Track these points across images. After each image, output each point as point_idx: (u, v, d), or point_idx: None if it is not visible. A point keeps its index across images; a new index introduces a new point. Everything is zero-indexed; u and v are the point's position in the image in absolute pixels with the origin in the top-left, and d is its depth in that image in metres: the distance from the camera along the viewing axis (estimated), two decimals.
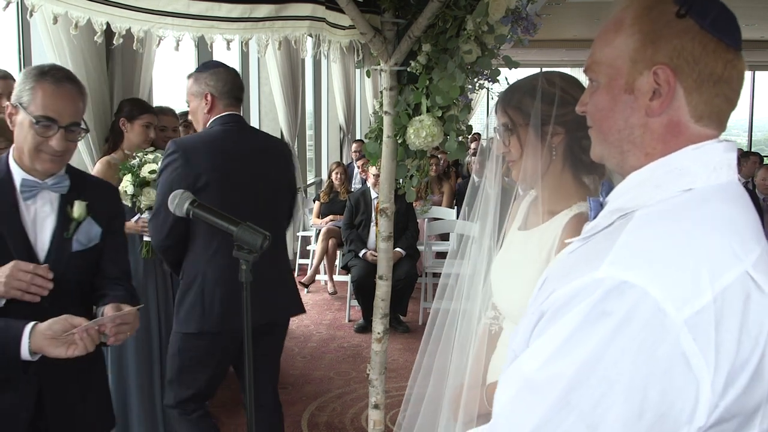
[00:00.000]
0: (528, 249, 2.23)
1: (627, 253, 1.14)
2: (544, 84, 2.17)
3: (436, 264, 7.94)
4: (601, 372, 1.07)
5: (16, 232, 2.42)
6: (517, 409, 1.14)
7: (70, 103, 2.42)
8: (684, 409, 1.07)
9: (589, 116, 1.39)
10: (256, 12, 3.32)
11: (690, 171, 1.24)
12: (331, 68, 12.12)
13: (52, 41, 4.55)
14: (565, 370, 1.09)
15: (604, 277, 1.11)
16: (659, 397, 1.06)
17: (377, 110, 3.37)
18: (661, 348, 1.06)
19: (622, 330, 1.07)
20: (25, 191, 2.45)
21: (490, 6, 2.94)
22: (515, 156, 2.22)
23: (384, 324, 3.44)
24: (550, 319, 1.16)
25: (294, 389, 5.80)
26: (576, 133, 2.13)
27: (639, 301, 1.07)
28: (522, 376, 1.15)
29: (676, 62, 1.23)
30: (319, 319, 7.81)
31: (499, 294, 2.34)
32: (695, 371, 1.07)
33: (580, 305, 1.11)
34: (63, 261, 2.48)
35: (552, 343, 1.12)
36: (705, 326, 1.07)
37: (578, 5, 11.96)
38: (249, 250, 2.06)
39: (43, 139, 2.38)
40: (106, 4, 3.05)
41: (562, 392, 1.08)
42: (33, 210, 2.47)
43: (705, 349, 1.07)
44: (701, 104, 1.25)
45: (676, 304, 1.07)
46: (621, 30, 1.29)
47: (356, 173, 10.78)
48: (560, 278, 1.20)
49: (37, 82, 2.39)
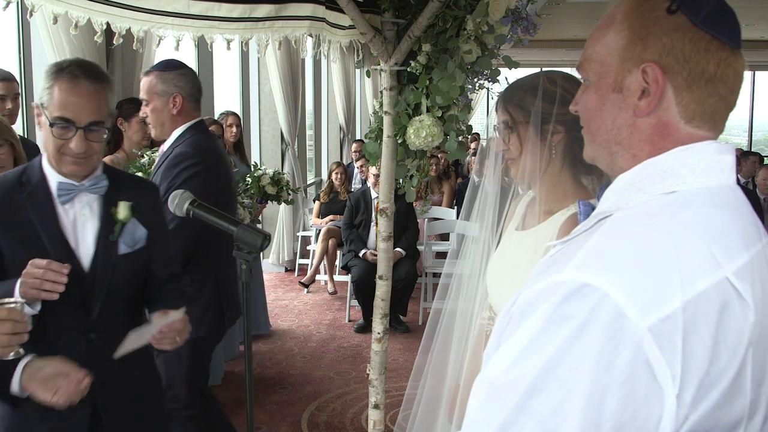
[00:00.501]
0: (524, 249, 2.23)
1: (592, 256, 1.08)
2: (545, 82, 2.17)
3: (436, 264, 7.94)
4: (560, 378, 1.01)
5: (55, 238, 2.32)
6: (482, 414, 1.10)
7: (87, 102, 2.27)
8: (649, 420, 1.01)
9: (581, 116, 1.34)
10: (256, 12, 3.32)
11: (675, 173, 1.18)
12: (331, 68, 12.13)
13: (52, 41, 4.55)
14: (525, 375, 1.04)
15: (565, 280, 1.06)
16: (620, 407, 1.00)
17: (377, 110, 3.37)
18: (622, 355, 1.00)
19: (581, 334, 1.01)
20: (62, 195, 2.34)
21: (490, 6, 2.94)
22: (515, 154, 2.22)
23: (384, 324, 3.44)
24: (516, 322, 1.11)
25: (294, 389, 5.81)
26: (576, 133, 2.13)
27: (599, 305, 1.02)
28: (488, 381, 1.11)
29: (666, 60, 1.17)
30: (319, 319, 7.81)
31: (495, 294, 2.34)
32: (660, 381, 1.01)
33: (542, 307, 1.06)
34: (110, 265, 2.38)
35: (515, 346, 1.08)
36: (671, 334, 1.01)
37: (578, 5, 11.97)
38: (249, 251, 2.06)
39: (63, 142, 2.27)
40: (106, 4, 3.05)
41: (522, 397, 1.03)
42: (72, 214, 2.37)
43: (671, 358, 1.01)
44: (692, 104, 1.19)
45: (639, 310, 1.01)
46: (612, 26, 1.24)
47: (356, 173, 10.78)
48: (530, 281, 1.16)
49: (54, 80, 2.27)
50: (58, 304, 2.24)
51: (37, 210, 2.32)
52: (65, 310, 2.28)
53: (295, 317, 7.84)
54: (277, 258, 9.64)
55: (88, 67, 2.33)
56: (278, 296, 8.65)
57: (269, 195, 6.64)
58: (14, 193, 2.34)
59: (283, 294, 8.78)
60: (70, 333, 2.32)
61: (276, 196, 6.69)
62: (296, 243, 9.75)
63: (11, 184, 2.36)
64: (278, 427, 5.11)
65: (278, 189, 6.66)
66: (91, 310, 2.34)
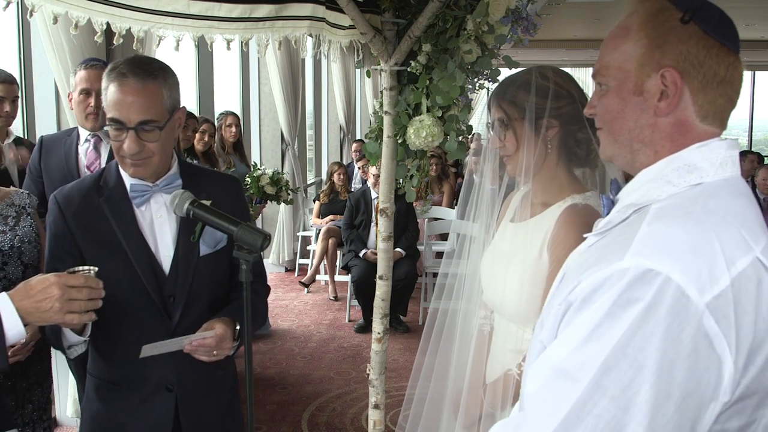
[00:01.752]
0: (517, 240, 2.24)
1: (649, 244, 1.20)
2: (537, 78, 2.18)
3: (436, 264, 7.94)
4: (630, 355, 1.13)
5: (135, 241, 2.28)
6: (548, 396, 1.21)
7: (135, 100, 2.18)
8: (709, 387, 1.14)
9: (599, 118, 1.47)
10: (256, 12, 3.31)
11: (698, 167, 1.32)
12: (331, 68, 12.13)
13: (52, 41, 4.55)
14: (596, 356, 1.15)
15: (629, 267, 1.17)
16: (686, 378, 1.13)
17: (377, 110, 3.37)
18: (687, 330, 1.13)
19: (648, 315, 1.13)
20: (135, 196, 2.30)
21: (490, 6, 2.94)
22: (511, 150, 2.22)
23: (384, 324, 3.44)
24: (578, 308, 1.22)
25: (294, 389, 5.81)
26: (570, 126, 2.14)
27: (663, 288, 1.14)
28: (551, 365, 1.22)
29: (683, 65, 1.32)
30: (319, 319, 7.81)
31: (488, 286, 2.34)
32: (718, 351, 1.14)
33: (608, 293, 1.18)
34: (191, 267, 2.33)
35: (581, 330, 1.19)
36: (725, 309, 1.15)
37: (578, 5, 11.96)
38: (249, 250, 2.06)
39: (119, 144, 2.21)
40: (106, 4, 3.04)
41: (594, 377, 1.15)
42: (149, 215, 2.33)
43: (726, 330, 1.14)
44: (706, 104, 1.34)
45: (698, 289, 1.14)
46: (628, 36, 1.38)
47: (356, 173, 10.78)
48: (583, 271, 1.26)
49: (107, 80, 2.21)
50: (139, 308, 2.25)
51: (115, 213, 2.30)
52: (146, 314, 2.26)
53: (295, 317, 7.84)
54: (278, 258, 9.64)
55: (140, 64, 2.23)
56: (278, 296, 8.64)
57: (268, 195, 6.65)
58: (93, 197, 2.32)
59: (283, 294, 8.77)
60: (151, 337, 2.25)
61: (275, 196, 6.70)
62: (296, 243, 9.75)
63: (89, 188, 2.34)
64: (278, 427, 5.11)
65: (277, 189, 6.67)
66: (173, 314, 2.31)
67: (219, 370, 2.47)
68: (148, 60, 2.30)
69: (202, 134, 6.20)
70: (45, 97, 5.10)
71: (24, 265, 3.05)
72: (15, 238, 3.02)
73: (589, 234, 1.44)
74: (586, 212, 2.12)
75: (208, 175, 2.55)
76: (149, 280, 2.28)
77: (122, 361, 2.34)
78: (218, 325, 2.24)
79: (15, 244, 3.01)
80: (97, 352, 2.39)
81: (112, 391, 2.38)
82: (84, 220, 2.30)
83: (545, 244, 2.15)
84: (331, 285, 8.64)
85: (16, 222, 3.06)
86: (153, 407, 2.34)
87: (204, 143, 6.22)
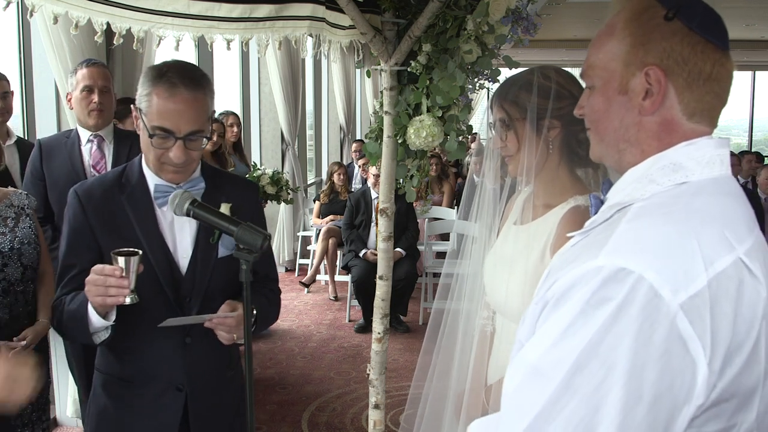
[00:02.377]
0: (520, 242, 2.24)
1: (624, 242, 1.19)
2: (539, 78, 2.18)
3: (437, 264, 7.94)
4: (602, 355, 1.11)
5: (154, 240, 2.29)
6: (523, 394, 1.19)
7: (186, 111, 2.18)
8: (682, 389, 1.12)
9: (587, 118, 1.45)
10: (256, 12, 3.31)
11: (684, 166, 1.30)
12: (332, 68, 12.13)
13: (52, 41, 4.55)
14: (567, 355, 1.13)
15: (602, 265, 1.15)
16: (658, 379, 1.10)
17: (377, 110, 3.37)
18: (659, 331, 1.10)
19: (620, 315, 1.11)
20: (159, 197, 2.30)
21: (490, 6, 2.94)
22: (512, 151, 2.21)
23: (384, 324, 3.44)
24: (553, 306, 1.21)
25: (294, 389, 5.81)
26: (572, 127, 2.14)
27: (636, 287, 1.12)
28: (527, 363, 1.20)
29: (667, 63, 1.29)
30: (319, 319, 7.81)
31: (491, 289, 2.34)
32: (692, 353, 1.11)
33: (581, 292, 1.16)
34: (208, 268, 2.34)
35: (555, 329, 1.17)
36: (700, 310, 1.12)
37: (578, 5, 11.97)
38: (249, 250, 2.06)
39: (163, 151, 2.22)
40: (106, 4, 3.04)
41: (566, 376, 1.13)
42: (170, 216, 2.31)
43: (701, 331, 1.11)
44: (692, 102, 1.31)
45: (672, 289, 1.11)
46: (613, 34, 1.36)
47: (356, 173, 10.78)
48: (562, 268, 1.25)
49: (152, 86, 2.18)
50: (155, 307, 2.24)
51: (136, 211, 2.30)
52: (162, 313, 2.23)
53: (295, 317, 7.84)
54: (278, 258, 9.64)
55: (188, 73, 2.23)
56: None
57: (269, 195, 6.65)
58: (114, 193, 2.32)
59: (283, 294, 8.72)
60: (167, 337, 2.30)
61: (276, 196, 6.71)
62: (296, 243, 9.75)
63: (111, 184, 2.34)
64: (278, 427, 5.12)
65: (278, 189, 6.68)
66: (188, 314, 2.30)
67: (229, 371, 2.48)
68: (193, 68, 2.31)
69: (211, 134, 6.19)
70: (45, 97, 5.10)
71: (23, 266, 3.05)
72: (15, 240, 3.02)
73: (574, 233, 1.44)
74: (588, 214, 2.12)
75: (229, 179, 2.55)
76: (167, 280, 2.29)
77: (134, 358, 2.35)
78: (240, 306, 2.24)
79: (15, 246, 3.01)
80: (108, 348, 2.37)
81: (121, 388, 2.37)
82: (104, 216, 2.30)
83: (548, 246, 2.15)
84: (332, 285, 8.64)
85: (16, 223, 3.05)
86: (162, 406, 2.34)
87: (213, 143, 6.20)
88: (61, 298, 2.29)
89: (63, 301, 2.28)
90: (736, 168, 8.55)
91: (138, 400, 2.35)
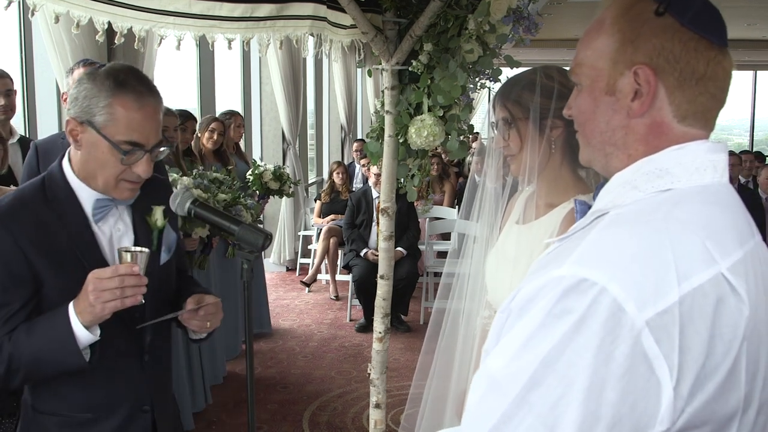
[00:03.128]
0: (523, 242, 2.24)
1: (591, 252, 1.10)
2: (542, 78, 2.18)
3: (437, 263, 7.94)
4: (559, 371, 1.03)
5: (96, 261, 2.06)
6: (482, 407, 1.11)
7: (154, 121, 2.04)
8: (645, 412, 1.04)
9: (575, 120, 1.36)
10: (257, 11, 3.32)
11: (670, 171, 1.20)
12: (333, 67, 12.13)
13: (54, 40, 4.56)
14: (525, 368, 1.06)
15: (564, 275, 1.07)
16: (619, 399, 1.02)
17: (379, 109, 3.37)
18: (621, 348, 1.02)
19: (581, 328, 1.03)
20: (98, 213, 2.10)
21: (491, 5, 2.94)
22: (515, 150, 2.22)
23: (385, 323, 3.44)
24: (516, 317, 1.13)
25: (295, 388, 5.81)
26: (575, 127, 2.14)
27: (598, 299, 1.04)
28: (488, 375, 1.12)
29: (656, 61, 1.20)
30: (320, 318, 7.81)
31: (493, 288, 2.34)
32: (657, 374, 1.03)
33: (542, 302, 1.08)
34: (155, 277, 2.10)
35: (515, 340, 1.09)
36: (669, 328, 1.03)
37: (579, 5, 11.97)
38: (250, 250, 2.06)
39: (125, 168, 2.03)
40: (107, 4, 3.05)
41: (522, 391, 1.05)
42: (108, 231, 2.13)
43: (668, 351, 1.03)
44: (684, 103, 1.22)
45: (637, 304, 1.03)
46: (601, 30, 1.27)
47: (357, 172, 10.78)
48: (529, 277, 1.17)
49: (113, 97, 1.97)
50: (108, 328, 2.03)
51: (72, 233, 2.07)
52: (116, 333, 2.07)
53: (296, 316, 7.84)
54: (279, 257, 9.65)
55: (145, 78, 2.07)
56: (279, 296, 8.65)
57: (272, 190, 6.69)
58: (43, 213, 2.07)
59: (284, 293, 8.78)
60: (127, 358, 2.17)
61: (279, 191, 6.75)
62: (297, 242, 9.75)
63: (34, 201, 2.08)
64: (279, 426, 5.12)
65: (281, 183, 6.72)
66: (145, 332, 2.17)
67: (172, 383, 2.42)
68: (143, 73, 2.14)
69: (212, 132, 6.24)
70: (46, 96, 5.11)
71: None
72: None
73: (551, 239, 1.37)
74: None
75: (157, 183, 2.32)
76: None
77: (96, 385, 2.15)
78: (208, 296, 2.19)
79: None
80: (57, 384, 2.13)
81: (77, 426, 2.15)
82: (37, 239, 2.03)
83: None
84: (332, 284, 8.64)
85: None
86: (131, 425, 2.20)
87: (214, 142, 6.26)
88: (1, 340, 1.99)
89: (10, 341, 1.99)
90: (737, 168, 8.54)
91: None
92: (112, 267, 1.95)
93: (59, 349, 1.97)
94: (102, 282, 1.91)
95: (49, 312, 2.02)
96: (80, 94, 2.02)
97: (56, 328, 1.97)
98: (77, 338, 1.96)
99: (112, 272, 1.92)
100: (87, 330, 1.96)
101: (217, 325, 2.26)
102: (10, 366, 1.99)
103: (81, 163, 2.09)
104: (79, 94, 2.02)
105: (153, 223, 2.21)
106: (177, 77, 9.22)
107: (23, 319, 2.01)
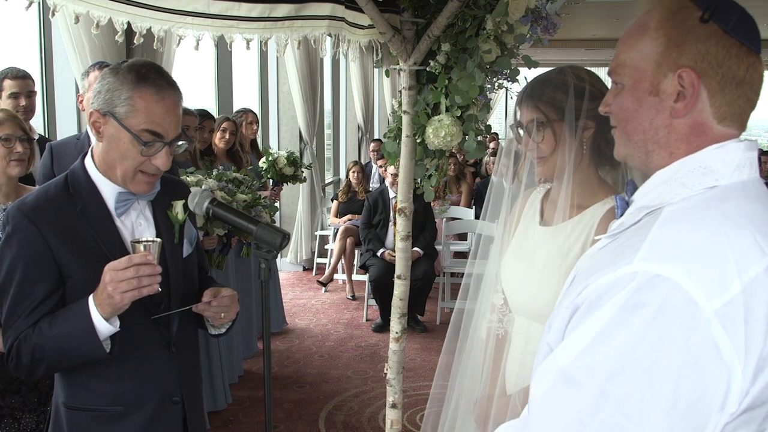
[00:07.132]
0: (553, 245, 2.21)
1: (658, 248, 1.18)
2: (573, 79, 2.17)
3: (454, 264, 7.94)
4: (636, 362, 1.11)
5: (120, 254, 2.06)
6: (553, 400, 1.19)
7: (175, 114, 2.10)
8: (716, 396, 1.11)
9: (613, 117, 1.43)
10: (275, 12, 3.33)
11: (714, 169, 1.28)
12: (350, 67, 12.14)
13: (73, 41, 4.59)
14: (601, 361, 1.13)
15: (637, 271, 1.15)
16: (692, 386, 1.10)
17: (396, 110, 3.37)
18: (693, 338, 1.10)
19: (655, 321, 1.11)
20: (119, 206, 2.16)
21: (509, 5, 2.93)
22: (547, 152, 2.20)
23: (402, 323, 3.44)
24: (585, 312, 1.21)
25: (311, 388, 5.82)
26: (604, 127, 2.12)
27: (671, 293, 1.12)
28: (557, 369, 1.19)
29: (701, 65, 1.27)
30: (336, 318, 7.82)
31: (511, 289, 2.32)
32: (726, 360, 1.11)
33: (615, 298, 1.16)
34: (179, 271, 2.23)
35: (587, 335, 1.17)
36: (734, 316, 1.12)
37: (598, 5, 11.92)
38: (268, 249, 2.06)
39: (145, 159, 2.08)
40: (127, 4, 3.07)
41: (599, 382, 1.13)
42: (130, 225, 2.19)
43: (735, 338, 1.11)
44: (724, 106, 1.29)
45: (706, 296, 1.11)
46: (646, 34, 1.34)
47: (374, 172, 10.79)
48: (592, 274, 1.24)
49: (135, 89, 2.04)
50: (135, 322, 2.10)
51: (95, 226, 2.12)
52: (143, 327, 2.15)
53: (312, 316, 7.85)
54: (295, 257, 9.67)
55: (165, 74, 2.13)
56: (296, 295, 8.67)
57: (287, 176, 6.71)
58: (66, 207, 2.12)
59: (300, 293, 8.79)
60: (154, 350, 2.20)
61: (293, 176, 6.77)
62: (314, 242, 9.77)
63: (59, 197, 2.14)
64: (295, 425, 5.13)
65: (295, 169, 6.75)
66: (171, 322, 2.22)
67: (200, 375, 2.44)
68: (163, 69, 2.20)
69: (224, 132, 6.17)
70: (66, 97, 5.14)
71: None
72: None
73: (601, 236, 1.42)
74: None
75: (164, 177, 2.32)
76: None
77: (121, 380, 2.17)
78: (225, 288, 2.23)
79: None
80: (86, 378, 2.17)
81: (109, 421, 2.17)
82: (62, 234, 2.09)
83: (587, 247, 2.12)
84: (349, 284, 8.65)
85: None
86: (161, 425, 2.23)
87: (226, 141, 6.19)
88: (26, 332, 2.05)
89: (35, 332, 2.04)
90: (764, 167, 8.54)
91: (133, 427, 2.19)
92: (126, 257, 1.98)
93: (80, 340, 2.02)
94: (118, 273, 1.96)
95: (70, 304, 2.07)
96: (103, 88, 2.08)
97: (77, 321, 2.02)
98: (97, 330, 2.00)
99: (127, 262, 1.96)
100: (107, 322, 2.00)
101: (233, 318, 2.30)
102: (34, 356, 2.04)
103: (102, 154, 2.15)
104: (102, 88, 2.08)
105: (174, 217, 2.25)
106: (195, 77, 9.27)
107: (48, 310, 2.06)
